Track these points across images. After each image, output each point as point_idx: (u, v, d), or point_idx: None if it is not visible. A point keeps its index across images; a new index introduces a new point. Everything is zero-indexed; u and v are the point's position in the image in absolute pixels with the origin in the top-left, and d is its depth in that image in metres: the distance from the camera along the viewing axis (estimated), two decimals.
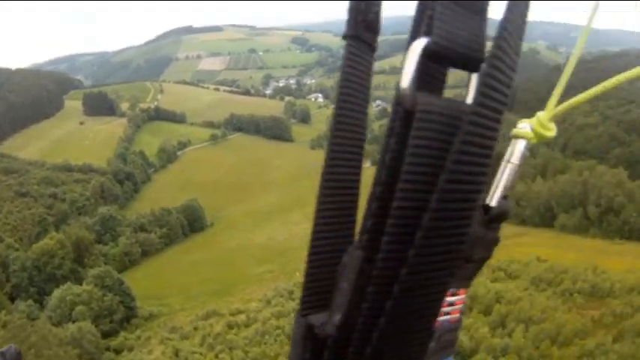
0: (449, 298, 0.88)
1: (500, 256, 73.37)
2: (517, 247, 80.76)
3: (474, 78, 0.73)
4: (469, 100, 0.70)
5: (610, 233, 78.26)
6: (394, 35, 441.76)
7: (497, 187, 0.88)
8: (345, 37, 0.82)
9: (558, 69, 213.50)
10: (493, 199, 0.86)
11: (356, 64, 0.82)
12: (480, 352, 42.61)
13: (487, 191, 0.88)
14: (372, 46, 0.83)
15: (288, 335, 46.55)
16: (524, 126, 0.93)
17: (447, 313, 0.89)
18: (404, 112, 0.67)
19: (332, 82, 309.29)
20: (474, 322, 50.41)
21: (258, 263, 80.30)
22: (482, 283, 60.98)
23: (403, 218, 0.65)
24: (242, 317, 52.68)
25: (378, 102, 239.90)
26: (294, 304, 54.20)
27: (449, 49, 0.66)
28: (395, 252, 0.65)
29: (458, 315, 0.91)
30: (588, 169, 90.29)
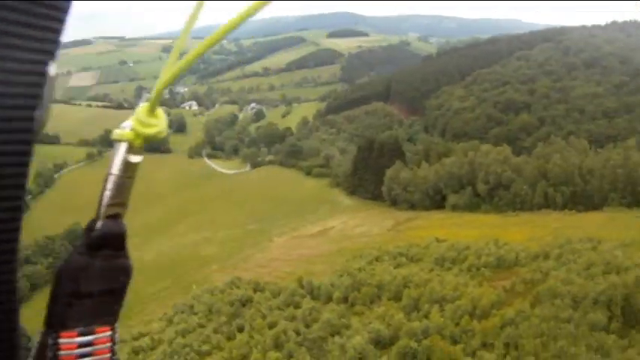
0: (82, 338, 0.76)
1: (397, 242, 72.46)
2: (411, 231, 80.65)
3: None
4: None
5: (502, 207, 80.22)
6: (266, 37, 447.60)
7: (101, 202, 0.76)
8: None
9: (431, 58, 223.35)
10: (99, 219, 0.75)
11: None
12: (400, 337, 39.56)
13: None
14: None
15: (197, 351, 44.11)
16: (125, 125, 0.79)
17: (89, 354, 0.77)
18: None
19: (205, 88, 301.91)
20: (386, 309, 47.89)
21: (151, 281, 74.18)
22: (386, 270, 59.15)
23: None
24: (146, 340, 49.77)
25: (253, 105, 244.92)
26: (197, 319, 51.85)
27: None
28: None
29: (108, 354, 0.80)
30: (473, 149, 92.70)
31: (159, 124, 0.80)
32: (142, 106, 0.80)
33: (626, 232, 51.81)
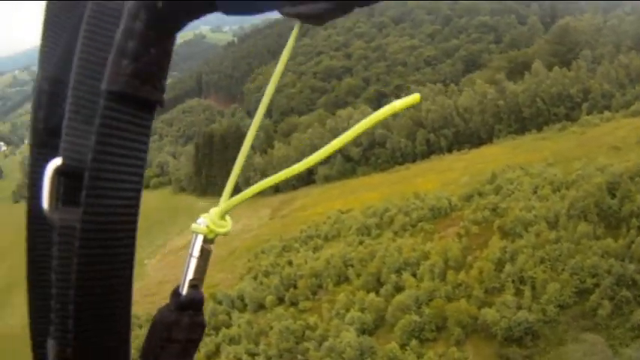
0: None
1: (292, 226, 67.83)
2: (297, 212, 76.60)
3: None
4: None
5: (381, 165, 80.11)
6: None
7: (184, 278, 0.95)
8: (29, 144, 0.94)
9: (234, 45, 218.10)
10: (183, 289, 0.94)
11: (38, 169, 0.88)
12: (399, 316, 35.54)
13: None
14: (57, 150, 0.88)
15: None
16: (200, 221, 0.98)
17: None
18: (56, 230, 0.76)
19: (9, 126, 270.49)
20: (350, 296, 42.93)
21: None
22: (307, 256, 54.61)
23: (60, 318, 0.76)
24: None
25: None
26: None
27: (72, 167, 0.76)
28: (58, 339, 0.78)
29: None
30: (325, 118, 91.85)
31: (228, 225, 0.99)
32: (215, 211, 0.99)
33: (539, 153, 53.78)
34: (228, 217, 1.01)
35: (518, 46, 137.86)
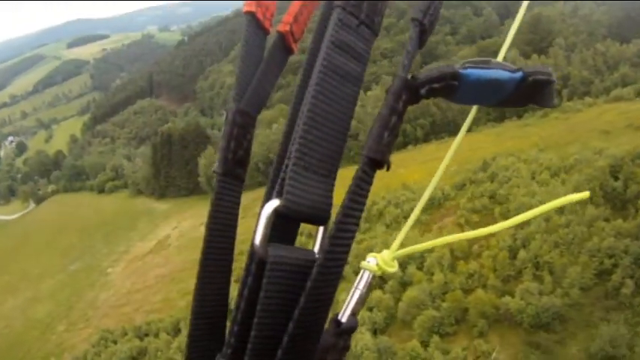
0: None
1: None
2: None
3: (321, 231, 0.95)
4: (316, 249, 0.94)
5: (353, 158, 77.77)
6: (3, 63, 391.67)
7: (347, 308, 0.98)
8: (215, 173, 1.04)
9: (184, 43, 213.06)
10: (344, 317, 0.97)
11: (226, 200, 1.04)
12: (416, 314, 34.50)
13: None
14: (242, 180, 1.07)
15: None
16: (370, 260, 1.03)
17: None
18: (257, 263, 0.89)
19: None
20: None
21: None
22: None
23: (261, 346, 0.86)
24: None
25: (11, 138, 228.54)
26: None
27: (297, 212, 0.84)
28: None
29: None
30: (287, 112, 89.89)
31: (396, 265, 1.03)
32: (388, 254, 1.03)
33: (526, 140, 53.72)
34: (395, 261, 1.08)
35: (474, 38, 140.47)
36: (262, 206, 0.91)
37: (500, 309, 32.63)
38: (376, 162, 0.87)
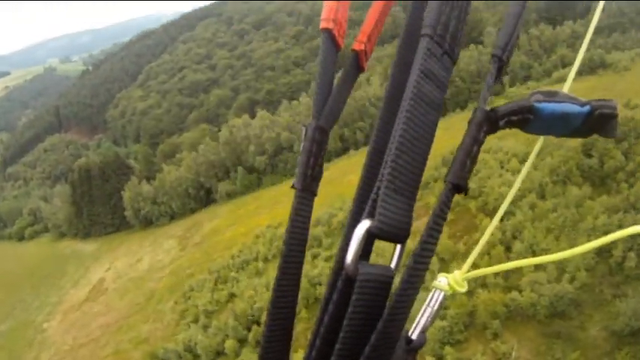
0: None
1: (213, 254, 60.82)
2: (215, 236, 69.12)
3: (398, 249, 1.01)
4: (392, 264, 1.00)
5: (292, 169, 76.27)
6: None
7: (418, 325, 1.01)
8: (294, 188, 1.11)
9: (88, 73, 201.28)
10: (414, 334, 1.00)
11: (302, 216, 1.11)
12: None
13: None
14: (315, 195, 1.15)
15: None
16: (442, 280, 1.06)
17: None
18: (345, 280, 0.95)
19: None
20: None
21: None
22: (249, 284, 48.51)
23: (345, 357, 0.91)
24: None
25: None
26: None
27: (387, 232, 0.91)
28: None
29: None
30: (207, 133, 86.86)
31: (466, 286, 1.06)
32: (459, 274, 1.06)
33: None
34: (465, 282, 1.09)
35: (384, 39, 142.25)
36: (349, 225, 1.06)
37: (510, 306, 31.19)
38: (459, 187, 0.94)
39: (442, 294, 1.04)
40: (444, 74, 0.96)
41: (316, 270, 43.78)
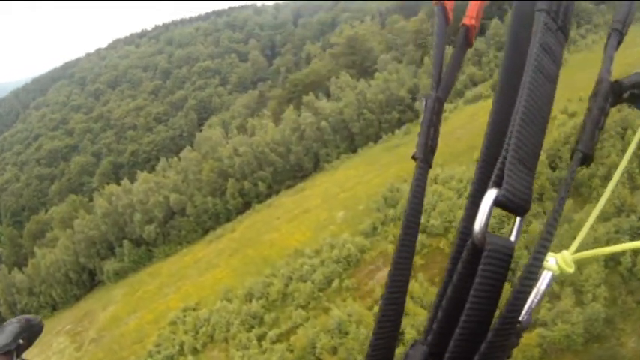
0: None
1: (134, 351, 48.87)
2: (120, 327, 56.17)
3: (518, 220, 1.00)
4: (512, 237, 0.98)
5: (187, 236, 68.34)
6: None
7: (527, 307, 1.01)
8: (415, 159, 1.14)
9: None
10: (522, 315, 0.99)
11: (420, 187, 1.13)
12: None
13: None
14: (430, 167, 1.18)
15: None
16: (551, 260, 1.07)
17: None
18: (471, 250, 0.92)
19: None
20: None
21: None
22: None
23: (469, 331, 0.89)
24: None
25: None
26: None
27: (512, 202, 0.90)
28: (460, 355, 0.90)
29: None
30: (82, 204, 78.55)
31: (573, 266, 1.07)
32: (567, 254, 1.08)
33: (410, 163, 47.58)
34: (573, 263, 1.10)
35: (245, 84, 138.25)
36: (472, 194, 1.04)
37: (542, 344, 26.76)
38: (588, 157, 0.96)
39: (550, 274, 1.05)
40: (558, 49, 0.97)
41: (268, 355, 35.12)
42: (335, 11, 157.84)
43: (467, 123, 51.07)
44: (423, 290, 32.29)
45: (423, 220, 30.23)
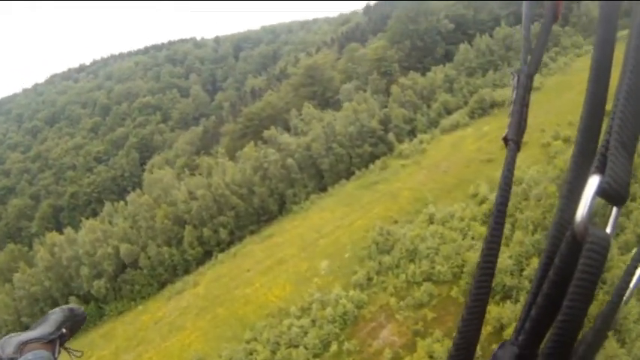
0: None
1: None
2: None
3: (615, 211, 0.93)
4: (609, 229, 0.91)
5: (142, 290, 60.87)
6: None
7: (630, 290, 0.94)
8: (506, 140, 1.13)
9: None
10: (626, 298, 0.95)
11: (512, 169, 1.10)
12: None
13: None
14: (520, 148, 1.14)
15: None
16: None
17: None
18: (570, 243, 0.87)
19: None
20: None
21: None
22: None
23: (567, 331, 0.83)
24: None
25: None
26: None
27: (615, 191, 0.84)
28: (555, 356, 0.84)
29: None
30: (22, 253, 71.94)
31: None
32: None
33: (395, 199, 43.76)
34: None
35: (187, 120, 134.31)
36: (570, 182, 0.98)
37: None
38: None
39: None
40: None
41: None
42: (277, 44, 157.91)
43: (450, 154, 47.90)
44: (444, 349, 27.97)
45: (426, 267, 25.77)
